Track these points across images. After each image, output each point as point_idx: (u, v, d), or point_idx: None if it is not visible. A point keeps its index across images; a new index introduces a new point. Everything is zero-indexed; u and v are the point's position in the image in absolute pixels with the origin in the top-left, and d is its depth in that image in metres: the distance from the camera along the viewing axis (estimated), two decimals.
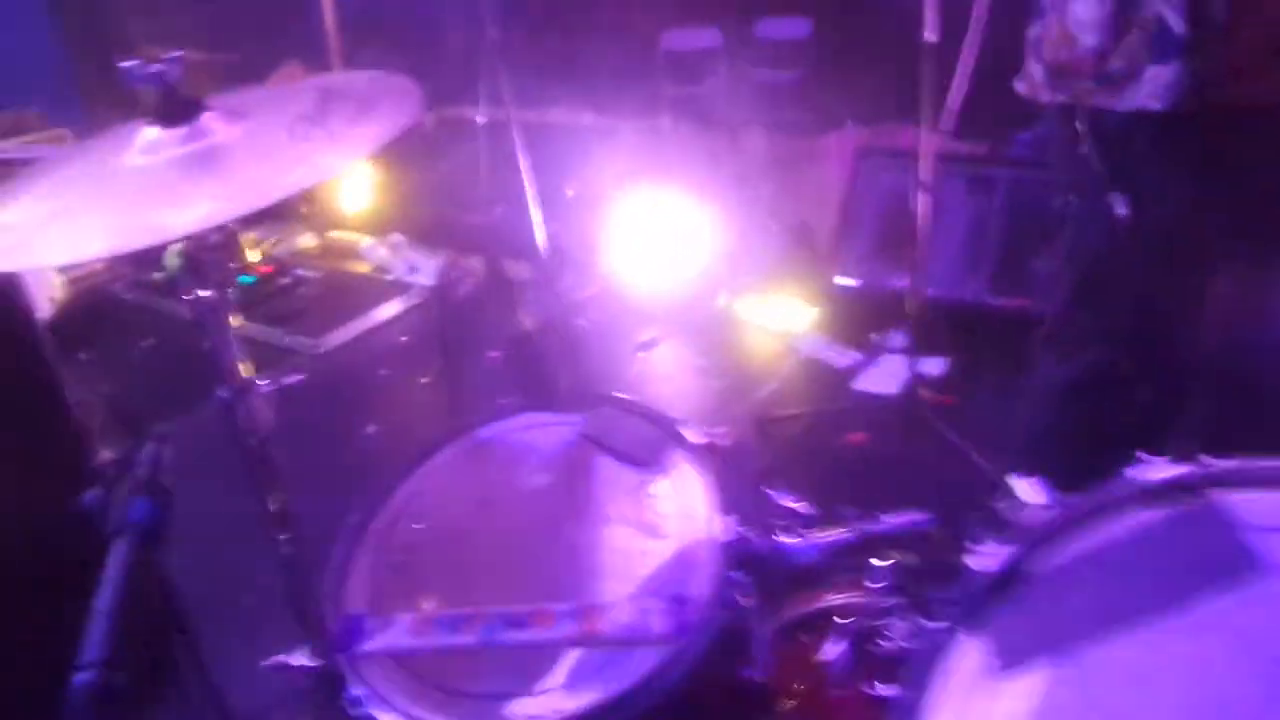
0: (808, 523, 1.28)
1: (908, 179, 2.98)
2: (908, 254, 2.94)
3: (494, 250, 3.05)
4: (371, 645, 1.20)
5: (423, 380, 3.45)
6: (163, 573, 1.74)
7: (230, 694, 1.85)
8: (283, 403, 1.30)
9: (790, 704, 1.40)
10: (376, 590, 1.27)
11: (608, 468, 1.31)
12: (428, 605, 1.23)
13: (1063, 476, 2.03)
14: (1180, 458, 1.13)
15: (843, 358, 3.05)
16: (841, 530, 1.30)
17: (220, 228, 1.22)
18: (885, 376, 2.95)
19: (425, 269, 3.87)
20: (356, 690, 1.17)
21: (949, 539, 1.30)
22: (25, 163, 1.31)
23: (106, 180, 1.18)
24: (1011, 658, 0.95)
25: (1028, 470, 2.11)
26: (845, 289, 3.10)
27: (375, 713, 1.15)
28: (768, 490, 1.30)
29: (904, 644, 1.39)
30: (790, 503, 1.29)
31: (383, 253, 3.99)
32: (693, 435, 1.29)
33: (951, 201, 2.96)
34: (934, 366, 2.88)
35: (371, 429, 3.22)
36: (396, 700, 1.15)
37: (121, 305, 4.25)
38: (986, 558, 1.01)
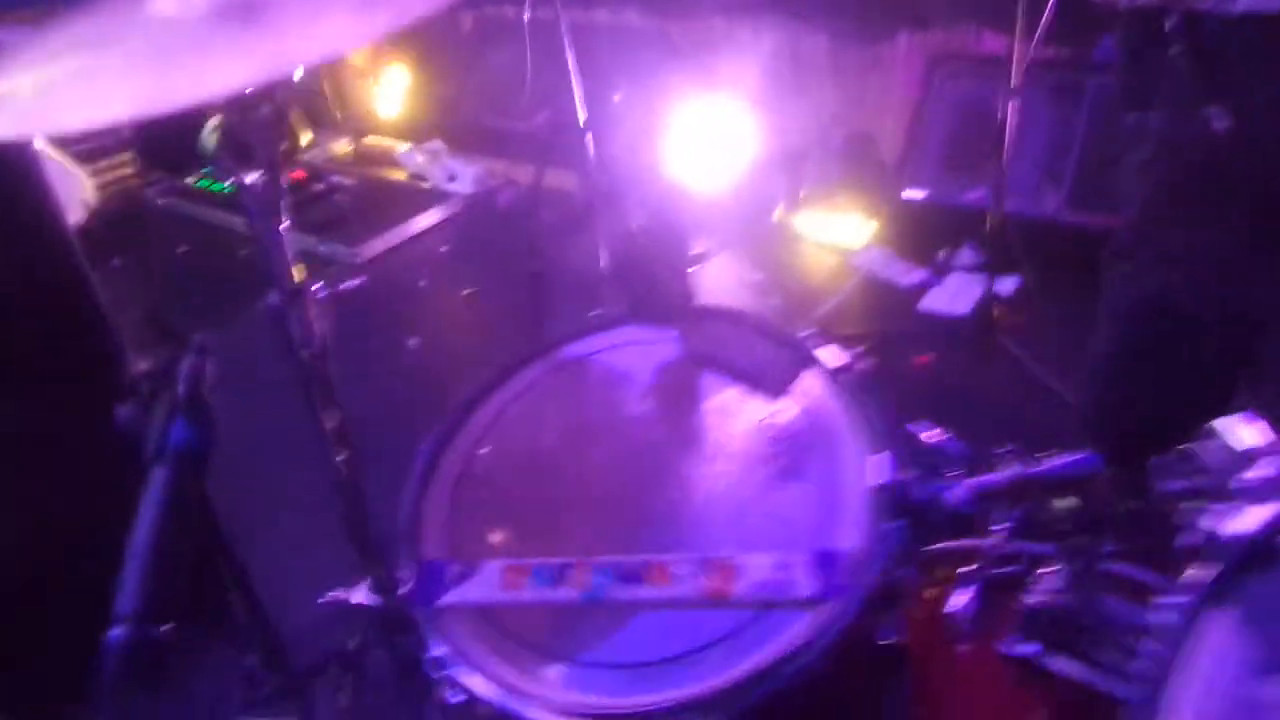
0: (959, 463, 1.05)
1: (986, 86, 2.68)
2: (982, 166, 2.66)
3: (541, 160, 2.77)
4: (454, 597, 0.98)
5: (465, 293, 3.21)
6: (206, 499, 1.54)
7: (281, 625, 1.66)
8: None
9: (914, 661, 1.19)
10: (455, 532, 1.05)
11: (725, 393, 1.07)
12: (517, 552, 1.01)
13: (1124, 408, 1.83)
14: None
15: (907, 275, 2.78)
16: (996, 471, 1.06)
17: (268, 99, 0.97)
18: (954, 296, 2.68)
19: (464, 177, 3.58)
20: (439, 650, 0.95)
21: (1122, 484, 1.07)
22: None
23: (130, 33, 0.92)
24: (1272, 650, 0.72)
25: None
26: (912, 202, 2.81)
27: (462, 678, 0.93)
28: (910, 425, 1.07)
29: (1056, 598, 1.18)
30: (936, 439, 1.06)
31: (420, 160, 3.70)
32: (828, 356, 1.05)
33: (1032, 110, 2.64)
34: (1006, 286, 2.61)
35: (413, 342, 2.99)
36: (487, 664, 0.93)
37: (155, 211, 4.00)
38: (1238, 521, 0.77)
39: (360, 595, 1.18)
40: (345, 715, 1.90)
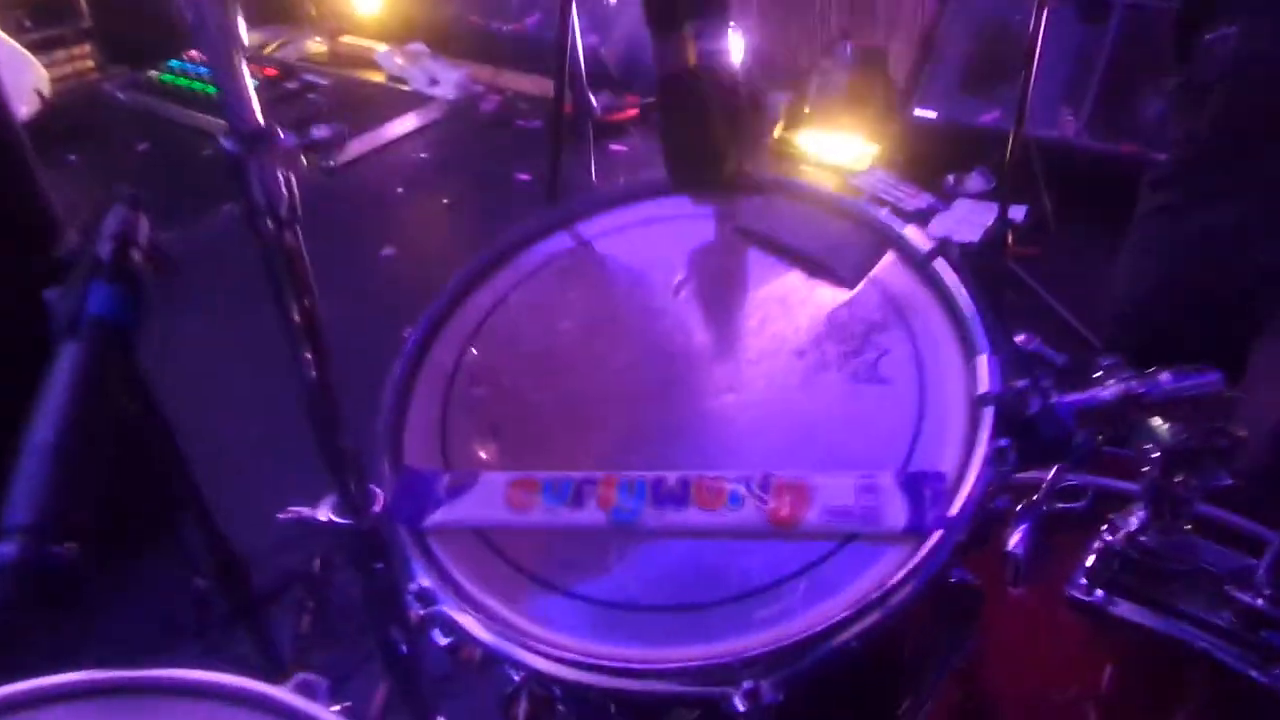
0: (1063, 376, 0.84)
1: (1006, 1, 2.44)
2: (999, 86, 2.44)
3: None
4: (444, 517, 0.76)
5: (444, 201, 2.93)
6: (149, 392, 1.30)
7: (239, 543, 1.44)
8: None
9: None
10: (447, 438, 0.82)
11: (787, 279, 0.84)
12: (524, 464, 0.78)
13: (1156, 347, 1.64)
14: None
15: (912, 200, 2.56)
16: (1100, 387, 0.86)
17: None
18: (960, 223, 2.47)
19: (447, 81, 3.27)
20: (425, 581, 0.73)
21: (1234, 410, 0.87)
22: None
23: None
24: None
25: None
26: (922, 123, 2.58)
27: (454, 615, 0.71)
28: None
29: (1135, 539, 0.99)
30: (1031, 344, 0.84)
31: (399, 61, 3.38)
32: (914, 235, 0.82)
33: (1052, 28, 2.40)
34: (1018, 213, 2.40)
35: (388, 251, 2.73)
36: (485, 601, 0.71)
37: (115, 105, 3.65)
38: None
39: (327, 511, 0.94)
40: (306, 641, 1.70)
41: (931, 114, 2.56)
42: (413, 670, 1.05)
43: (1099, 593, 1.01)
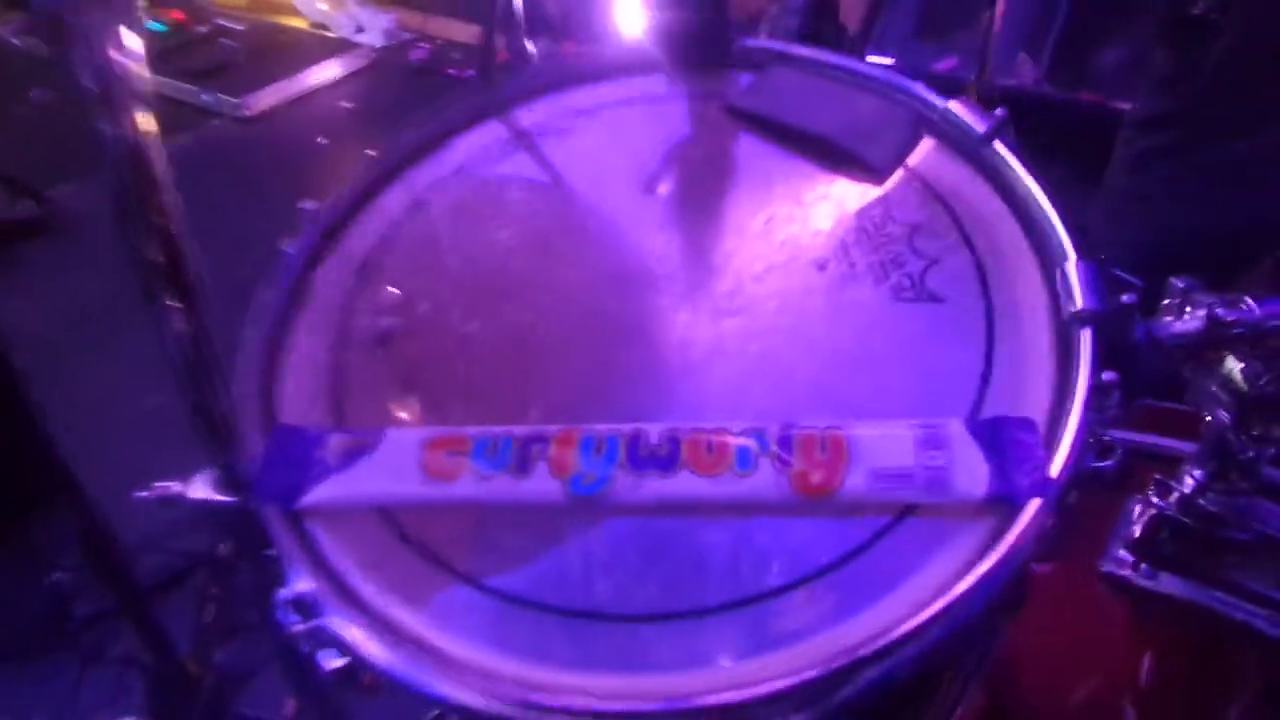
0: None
1: None
2: (957, 31, 2.26)
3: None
4: (332, 491, 0.52)
5: (370, 153, 2.65)
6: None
7: (129, 524, 1.19)
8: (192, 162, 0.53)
9: None
10: (341, 386, 0.58)
11: (801, 173, 0.62)
12: (445, 419, 0.55)
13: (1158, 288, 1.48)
14: None
15: None
16: (1178, 316, 0.66)
17: None
18: None
19: (373, 28, 2.97)
20: (304, 584, 0.49)
21: None
22: None
23: None
24: None
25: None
26: None
27: (345, 631, 0.48)
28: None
29: (1187, 505, 0.80)
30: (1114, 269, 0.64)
31: (321, 7, 3.06)
32: (965, 113, 0.61)
33: None
34: None
35: (307, 205, 2.44)
36: (393, 611, 0.48)
37: (10, 51, 3.26)
38: None
39: (202, 487, 0.69)
40: (209, 634, 1.45)
41: (886, 62, 2.37)
42: (316, 672, 0.83)
43: (1143, 566, 0.83)
